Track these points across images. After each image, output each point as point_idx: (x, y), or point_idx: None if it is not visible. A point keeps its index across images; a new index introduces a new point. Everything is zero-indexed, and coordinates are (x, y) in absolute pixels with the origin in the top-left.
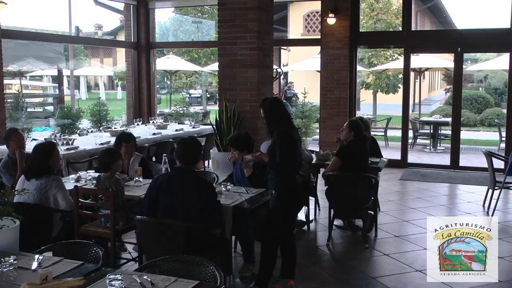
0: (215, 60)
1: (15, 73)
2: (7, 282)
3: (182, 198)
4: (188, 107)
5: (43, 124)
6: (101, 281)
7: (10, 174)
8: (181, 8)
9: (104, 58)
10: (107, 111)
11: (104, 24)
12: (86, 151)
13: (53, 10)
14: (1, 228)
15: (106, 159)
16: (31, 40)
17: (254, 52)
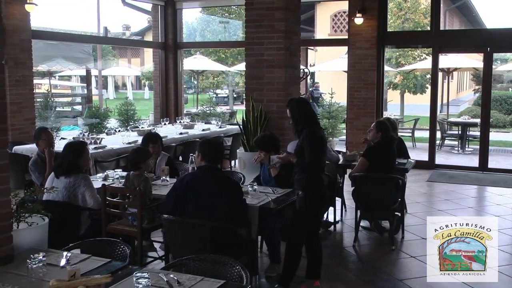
0: (242, 60)
1: (45, 73)
2: (36, 278)
3: (208, 197)
4: (215, 107)
5: (72, 123)
6: (128, 279)
7: (39, 172)
8: (208, 8)
9: (132, 58)
10: (135, 110)
11: (132, 25)
12: (113, 150)
13: (82, 11)
14: (30, 225)
15: (136, 158)
16: (60, 41)
17: (281, 52)
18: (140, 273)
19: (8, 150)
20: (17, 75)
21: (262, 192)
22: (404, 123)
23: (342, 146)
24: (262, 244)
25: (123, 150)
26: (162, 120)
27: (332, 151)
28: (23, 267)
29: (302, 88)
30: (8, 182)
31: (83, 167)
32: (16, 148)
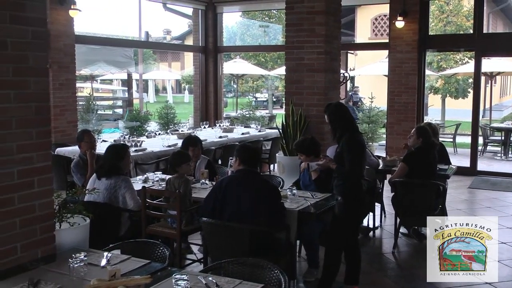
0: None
1: (87, 77)
2: (77, 277)
3: (247, 200)
4: (254, 110)
5: (112, 126)
6: (167, 280)
7: (81, 173)
8: (249, 12)
9: (172, 62)
10: (175, 114)
11: (173, 29)
12: (153, 153)
13: (124, 16)
14: (72, 225)
15: (176, 161)
16: (102, 45)
17: (321, 57)
18: (179, 275)
19: (51, 152)
20: (60, 79)
21: (301, 197)
22: (445, 128)
23: (382, 151)
24: (301, 249)
25: (163, 153)
26: (201, 123)
27: (371, 156)
28: (65, 266)
29: (342, 92)
30: (51, 183)
31: (124, 169)
32: (58, 150)
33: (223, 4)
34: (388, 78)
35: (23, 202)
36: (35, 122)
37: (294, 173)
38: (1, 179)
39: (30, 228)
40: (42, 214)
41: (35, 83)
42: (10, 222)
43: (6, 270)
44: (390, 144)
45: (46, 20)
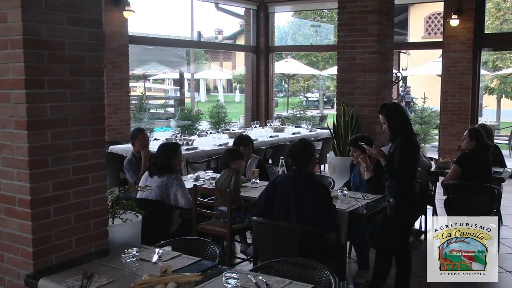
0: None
1: (139, 77)
2: (129, 272)
3: (297, 199)
4: (305, 110)
5: (164, 125)
6: (217, 278)
7: (133, 171)
8: (300, 12)
9: (224, 62)
10: (226, 113)
11: (224, 29)
12: (205, 151)
13: (177, 17)
14: (125, 221)
15: (228, 158)
16: (155, 45)
17: (374, 56)
18: (230, 273)
19: (105, 150)
20: (114, 79)
21: (352, 198)
22: (501, 130)
23: (434, 152)
24: (351, 250)
25: (214, 152)
26: (252, 123)
27: (424, 158)
28: (117, 261)
29: (394, 92)
30: (105, 180)
31: (175, 168)
32: (112, 147)
33: (275, 4)
34: (442, 78)
35: (78, 197)
36: (90, 120)
37: (345, 174)
38: (58, 175)
39: (84, 223)
40: (96, 209)
41: (90, 82)
42: (66, 217)
43: (61, 263)
44: (443, 145)
45: (102, 21)
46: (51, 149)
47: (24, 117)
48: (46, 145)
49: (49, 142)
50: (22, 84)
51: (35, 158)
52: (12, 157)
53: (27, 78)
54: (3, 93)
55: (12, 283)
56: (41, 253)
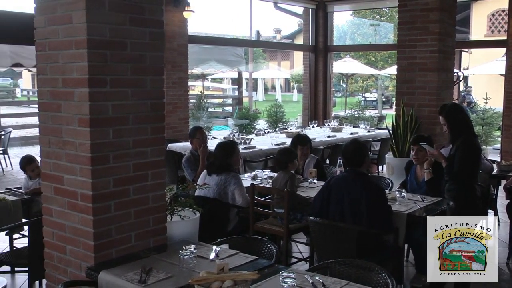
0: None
1: (198, 76)
2: (187, 268)
3: (351, 200)
4: (363, 110)
5: (222, 124)
6: (274, 277)
7: (192, 169)
8: (359, 11)
9: (282, 61)
10: (283, 112)
11: (283, 28)
12: (262, 150)
13: (235, 16)
14: (183, 218)
15: (283, 158)
16: (214, 45)
17: (435, 55)
18: (286, 272)
19: (165, 147)
20: (173, 78)
21: (410, 200)
22: None
23: (496, 155)
24: (409, 253)
25: (271, 151)
26: (310, 122)
27: (485, 160)
28: (175, 257)
29: (455, 92)
30: (164, 177)
31: (233, 166)
32: (170, 145)
33: (334, 3)
34: (505, 77)
35: (137, 194)
36: (151, 119)
37: (403, 175)
38: (118, 172)
39: (143, 219)
40: (155, 206)
41: (151, 81)
42: (125, 212)
43: (121, 257)
44: (506, 148)
45: (163, 21)
46: (112, 146)
47: (87, 115)
48: (108, 142)
49: (111, 139)
50: (85, 83)
51: (97, 155)
52: (75, 153)
53: (90, 77)
54: (68, 91)
55: (74, 274)
56: (101, 247)
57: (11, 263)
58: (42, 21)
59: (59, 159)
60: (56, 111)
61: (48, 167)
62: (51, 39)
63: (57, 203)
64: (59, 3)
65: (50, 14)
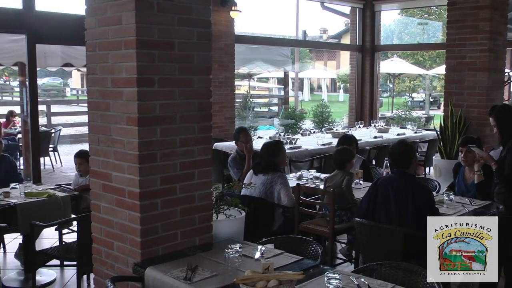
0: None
1: (244, 75)
2: (232, 267)
3: (397, 202)
4: (410, 111)
5: (268, 123)
6: (319, 278)
7: (237, 168)
8: (407, 10)
9: (328, 61)
10: (329, 112)
11: (329, 28)
12: (308, 150)
13: (282, 16)
14: (228, 217)
15: (342, 157)
16: (260, 45)
17: (485, 55)
18: (332, 273)
19: (211, 147)
20: (220, 77)
21: (458, 203)
22: None
23: None
24: None
25: (317, 151)
26: (356, 123)
27: None
28: (220, 256)
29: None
30: (210, 176)
31: (280, 166)
32: (216, 144)
33: (382, 2)
34: None
35: (184, 192)
36: (198, 118)
37: (451, 177)
38: (165, 170)
39: (189, 217)
40: (201, 204)
41: (198, 81)
42: (172, 210)
43: (167, 254)
44: None
45: (211, 21)
46: (159, 145)
47: (135, 113)
48: (155, 141)
49: (158, 138)
50: (134, 82)
51: (144, 153)
52: (123, 151)
53: (138, 77)
54: (117, 91)
55: (121, 270)
56: (148, 244)
57: (60, 257)
58: (93, 22)
59: (108, 157)
60: (105, 110)
61: (96, 164)
62: (101, 39)
63: (105, 199)
64: (109, 4)
65: (100, 15)
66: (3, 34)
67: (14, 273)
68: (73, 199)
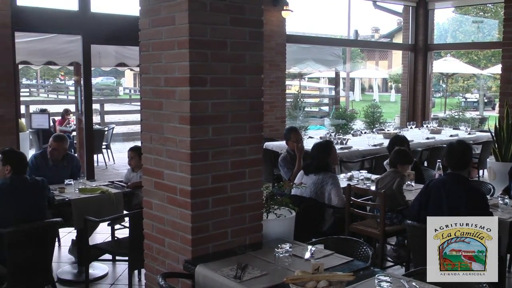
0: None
1: (295, 75)
2: (282, 266)
3: (450, 205)
4: (464, 112)
5: (318, 123)
6: (369, 280)
7: (288, 168)
8: (462, 7)
9: (380, 61)
10: (381, 113)
11: (381, 27)
12: (359, 151)
13: (333, 16)
14: (278, 216)
15: (398, 160)
16: (311, 44)
17: None
18: (383, 276)
19: (262, 146)
20: (271, 77)
21: None
22: None
23: None
24: (511, 264)
25: (368, 152)
26: (408, 123)
27: None
28: (270, 255)
29: None
30: (261, 175)
31: (331, 166)
32: (267, 144)
33: (435, 0)
34: None
35: (234, 191)
36: (249, 117)
37: (506, 180)
38: (217, 169)
39: (240, 216)
40: (252, 203)
41: (250, 80)
42: (223, 209)
43: (217, 252)
44: None
45: (263, 21)
46: (211, 144)
47: (188, 112)
48: (207, 140)
49: (210, 137)
50: (186, 82)
51: (196, 152)
52: (175, 149)
53: (191, 76)
54: (169, 90)
55: (172, 266)
56: (199, 241)
57: (112, 252)
58: (147, 23)
59: (160, 155)
60: (158, 109)
61: (149, 162)
62: (155, 40)
63: (157, 197)
64: (162, 5)
65: (154, 16)
66: (59, 35)
67: (68, 266)
68: (126, 196)
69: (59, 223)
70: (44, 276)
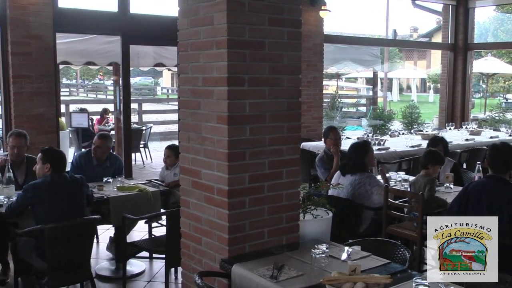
0: None
1: (332, 75)
2: (318, 267)
3: (490, 209)
4: (505, 113)
5: (356, 124)
6: (406, 283)
7: (325, 168)
8: (503, 6)
9: (418, 61)
10: (419, 114)
11: (420, 26)
12: (396, 152)
13: (371, 15)
14: (315, 217)
15: (428, 160)
16: (349, 44)
17: None
18: (420, 279)
19: (299, 146)
20: (308, 77)
21: None
22: None
23: None
24: None
25: (406, 153)
26: (447, 124)
27: None
28: (306, 255)
29: None
30: (298, 175)
31: (369, 166)
32: (304, 144)
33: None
34: None
35: (271, 191)
36: (287, 117)
37: None
38: (254, 168)
39: (277, 216)
40: (288, 203)
41: (288, 80)
42: (260, 209)
43: (253, 252)
44: None
45: (301, 21)
46: (249, 143)
47: (225, 112)
48: (245, 140)
49: (247, 136)
50: (224, 81)
51: (234, 151)
52: (213, 149)
53: (229, 76)
54: (207, 89)
55: (208, 265)
56: (235, 241)
57: (149, 249)
58: (185, 23)
59: (197, 154)
60: (196, 109)
61: (186, 161)
62: (193, 40)
63: (194, 196)
64: (201, 5)
65: (192, 16)
66: (99, 36)
67: (106, 262)
68: (163, 194)
69: (97, 220)
70: (82, 272)
